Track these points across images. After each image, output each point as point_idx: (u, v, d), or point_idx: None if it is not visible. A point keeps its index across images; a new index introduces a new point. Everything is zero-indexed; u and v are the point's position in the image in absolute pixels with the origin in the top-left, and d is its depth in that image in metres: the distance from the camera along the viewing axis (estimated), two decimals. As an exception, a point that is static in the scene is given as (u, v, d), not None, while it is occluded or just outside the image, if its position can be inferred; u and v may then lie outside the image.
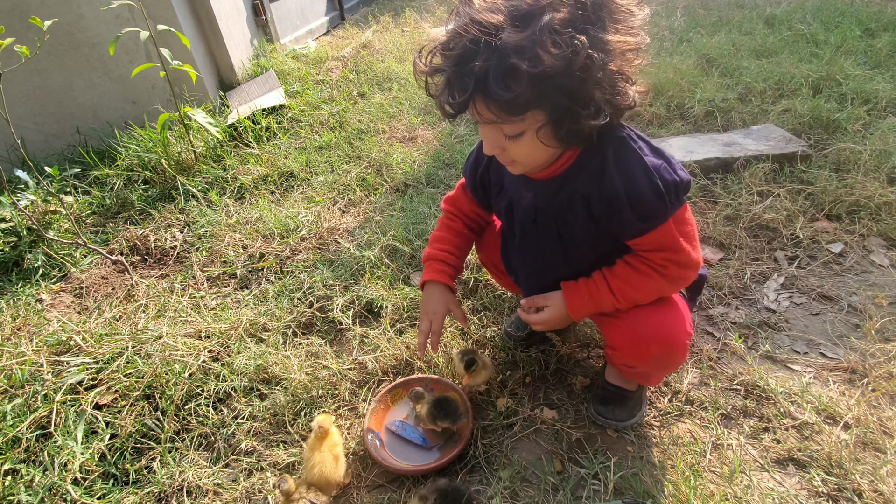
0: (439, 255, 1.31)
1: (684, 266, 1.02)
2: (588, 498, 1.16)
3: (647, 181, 0.92)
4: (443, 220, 1.38)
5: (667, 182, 0.93)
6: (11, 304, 1.92)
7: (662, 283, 1.04)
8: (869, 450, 1.21)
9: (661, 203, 0.93)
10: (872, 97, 2.60)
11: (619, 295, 1.06)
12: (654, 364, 1.14)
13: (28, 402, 1.46)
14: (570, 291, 1.11)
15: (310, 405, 1.43)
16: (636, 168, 0.93)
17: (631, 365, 1.17)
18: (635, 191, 0.93)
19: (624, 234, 1.02)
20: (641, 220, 0.95)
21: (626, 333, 1.11)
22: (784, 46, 3.32)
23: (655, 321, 1.08)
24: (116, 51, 3.00)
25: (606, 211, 0.98)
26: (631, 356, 1.14)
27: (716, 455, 1.23)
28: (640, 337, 1.08)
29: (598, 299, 1.08)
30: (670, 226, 0.98)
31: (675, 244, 0.99)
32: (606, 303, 1.07)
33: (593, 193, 0.98)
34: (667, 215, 0.96)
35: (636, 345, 1.10)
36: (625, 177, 0.93)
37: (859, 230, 1.87)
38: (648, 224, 0.96)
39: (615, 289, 1.06)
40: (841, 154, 2.21)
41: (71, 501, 1.26)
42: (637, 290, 1.05)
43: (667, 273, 1.02)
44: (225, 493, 1.27)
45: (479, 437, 1.32)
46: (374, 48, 4.12)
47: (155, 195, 2.57)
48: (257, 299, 1.86)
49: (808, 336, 1.54)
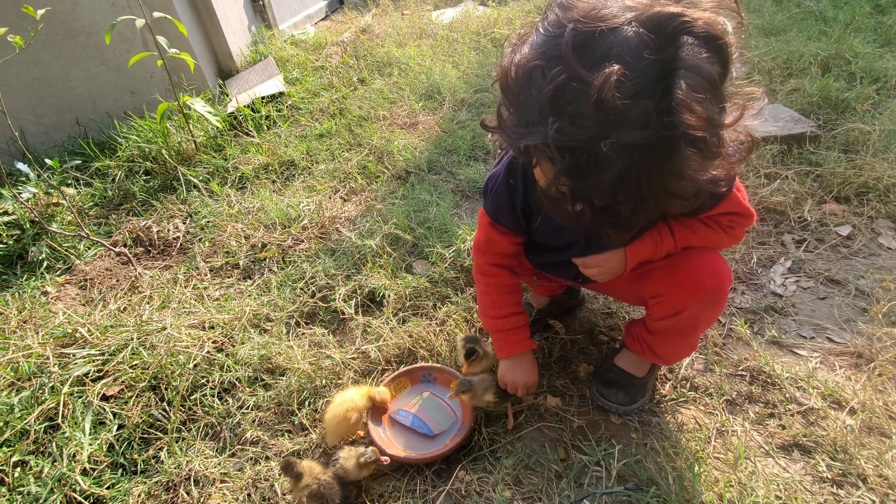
0: (509, 325, 1.28)
1: (746, 224, 1.05)
2: (591, 485, 1.17)
3: None
4: (486, 281, 1.29)
5: None
6: (17, 297, 1.93)
7: (724, 237, 1.05)
8: (875, 435, 1.21)
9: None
10: (882, 76, 2.54)
11: (680, 239, 1.05)
12: (707, 300, 1.08)
13: (35, 394, 1.47)
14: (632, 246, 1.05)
15: (314, 395, 1.44)
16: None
17: (680, 308, 1.10)
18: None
19: (696, 213, 1.02)
20: (712, 198, 0.95)
21: (677, 270, 1.08)
22: (792, 24, 3.23)
23: (703, 257, 1.07)
24: (113, 39, 2.96)
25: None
26: (683, 294, 1.08)
27: (720, 441, 1.23)
28: (694, 271, 1.06)
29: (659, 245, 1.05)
30: (735, 194, 0.98)
31: (741, 208, 1.01)
32: (666, 247, 1.05)
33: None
34: (731, 186, 0.96)
35: (690, 279, 1.06)
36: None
37: (868, 212, 1.84)
38: (717, 200, 0.97)
39: (678, 234, 1.05)
40: (850, 134, 2.16)
41: (80, 492, 1.28)
42: (700, 237, 1.05)
43: (732, 231, 1.04)
44: (231, 481, 1.28)
45: (482, 425, 1.33)
46: (374, 32, 4.06)
47: (156, 186, 2.56)
48: (260, 289, 1.86)
49: (815, 320, 1.52)
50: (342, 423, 1.26)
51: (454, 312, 1.63)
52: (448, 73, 3.24)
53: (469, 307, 1.64)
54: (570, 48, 0.66)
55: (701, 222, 1.04)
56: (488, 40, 3.71)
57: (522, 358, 1.29)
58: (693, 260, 1.07)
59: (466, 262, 1.79)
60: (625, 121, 0.64)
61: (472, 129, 2.65)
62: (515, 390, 1.27)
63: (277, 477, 1.27)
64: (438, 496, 1.19)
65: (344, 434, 1.30)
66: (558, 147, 0.67)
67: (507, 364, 1.28)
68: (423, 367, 1.46)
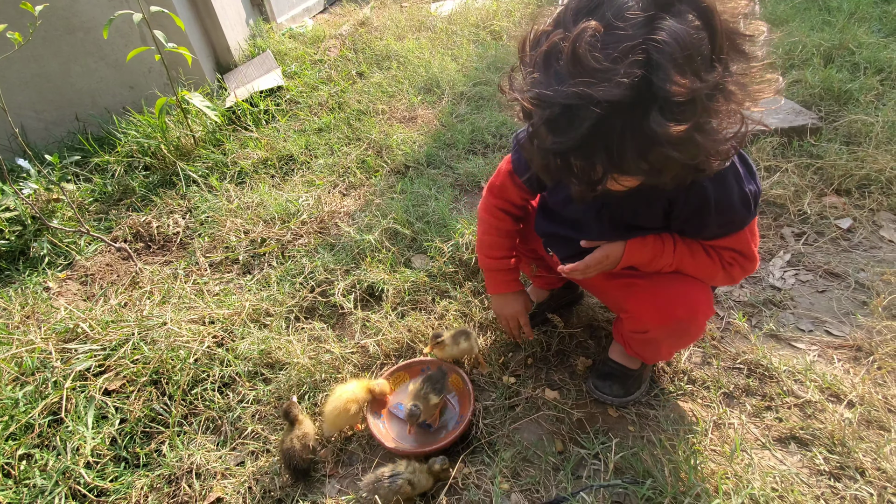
0: (502, 266, 1.34)
1: (747, 269, 1.04)
2: (588, 477, 1.18)
3: (738, 190, 0.91)
4: (490, 221, 1.31)
5: (752, 192, 0.92)
6: (19, 293, 1.94)
7: (720, 272, 1.04)
8: (873, 428, 1.21)
9: (746, 212, 0.93)
10: (886, 66, 2.51)
11: (678, 259, 1.05)
12: (674, 329, 1.10)
13: (39, 388, 1.49)
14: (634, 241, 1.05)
15: (313, 389, 1.45)
16: (729, 175, 0.91)
17: (645, 329, 1.13)
18: (726, 199, 0.91)
19: (697, 236, 1.01)
20: (721, 226, 0.95)
21: (653, 294, 1.08)
22: (795, 14, 3.20)
23: (685, 287, 1.07)
24: (111, 34, 2.95)
25: (689, 214, 0.96)
26: (651, 318, 1.10)
27: (717, 434, 1.24)
28: (669, 299, 1.07)
29: (658, 255, 1.04)
30: (745, 234, 0.98)
31: (746, 248, 1.00)
32: (664, 261, 1.05)
33: (679, 198, 0.95)
34: (745, 224, 0.96)
35: (662, 306, 1.07)
36: (718, 184, 0.91)
37: (869, 205, 1.83)
38: (726, 230, 0.97)
39: (678, 253, 1.04)
40: (852, 126, 2.14)
41: (84, 484, 1.30)
42: (697, 264, 1.04)
43: (731, 270, 1.03)
44: (232, 475, 1.30)
45: (481, 418, 1.34)
46: (373, 25, 4.03)
47: (156, 181, 2.56)
48: (260, 284, 1.87)
49: (814, 314, 1.52)
50: (342, 415, 1.27)
51: (453, 308, 1.63)
52: (447, 66, 3.22)
53: (468, 301, 1.65)
54: (571, 12, 0.69)
55: (703, 248, 1.03)
56: (487, 32, 3.69)
57: (509, 296, 1.37)
58: (674, 287, 1.07)
59: (465, 256, 1.79)
60: (600, 77, 0.64)
61: (471, 122, 2.64)
62: (507, 323, 1.37)
63: (278, 471, 1.29)
64: (438, 489, 1.20)
65: (343, 426, 1.31)
66: (540, 100, 0.69)
67: (496, 300, 1.40)
68: (421, 360, 1.47)
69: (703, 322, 1.11)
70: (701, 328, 1.12)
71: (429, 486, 1.17)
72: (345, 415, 1.28)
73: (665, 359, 1.36)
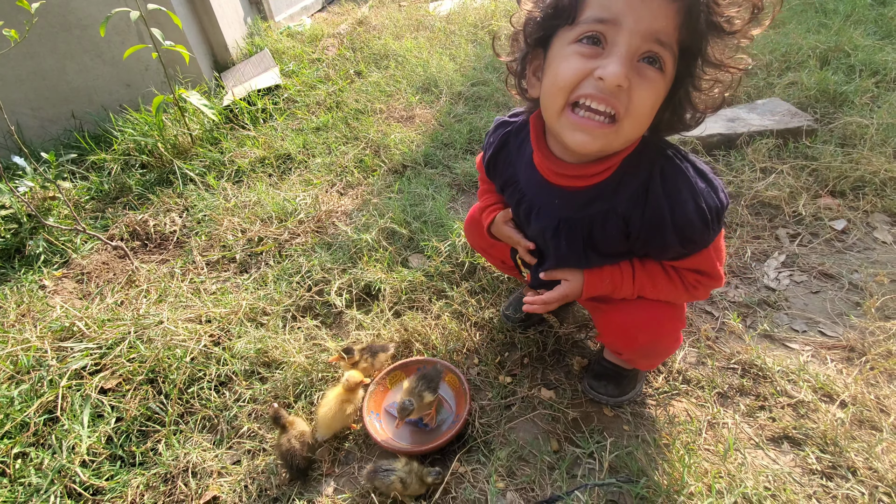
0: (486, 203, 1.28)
1: (711, 287, 1.02)
2: (583, 476, 1.18)
3: (694, 206, 0.88)
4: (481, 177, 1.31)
5: (711, 208, 0.88)
6: (15, 291, 1.94)
7: (684, 294, 1.03)
8: (865, 428, 1.22)
9: (706, 229, 0.90)
10: (882, 68, 2.52)
11: (638, 288, 1.04)
12: (641, 353, 1.15)
13: (34, 387, 1.49)
14: (592, 274, 1.06)
15: (310, 388, 1.45)
16: (683, 191, 0.88)
17: (618, 351, 1.19)
18: (682, 216, 0.88)
19: (662, 257, 1.00)
20: (683, 245, 0.92)
21: (615, 321, 1.10)
22: (792, 16, 3.21)
23: (647, 312, 1.07)
24: (108, 32, 2.94)
25: (647, 233, 0.93)
26: (619, 343, 1.14)
27: (711, 433, 1.25)
28: (631, 325, 1.08)
29: (618, 286, 1.05)
30: (710, 252, 0.96)
31: (711, 269, 0.98)
32: (624, 291, 1.05)
33: (635, 214, 0.93)
34: (708, 242, 0.93)
35: (623, 333, 1.10)
36: (672, 200, 0.89)
37: (863, 206, 1.84)
38: (689, 249, 0.94)
39: (637, 282, 1.03)
40: (847, 128, 2.16)
41: (80, 483, 1.29)
42: (658, 290, 1.03)
43: (694, 291, 1.02)
44: (229, 473, 1.30)
45: (477, 418, 1.34)
46: (371, 24, 4.03)
47: (153, 179, 2.56)
48: (257, 283, 1.87)
49: (808, 314, 1.53)
50: (336, 417, 1.27)
51: (448, 310, 1.64)
52: (445, 65, 3.22)
53: (464, 301, 1.65)
54: None
55: (664, 272, 1.02)
56: (486, 32, 3.69)
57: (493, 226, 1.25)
58: (637, 313, 1.06)
59: (462, 256, 1.79)
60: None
61: (468, 122, 2.64)
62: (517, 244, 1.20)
63: (274, 469, 1.29)
64: (432, 490, 1.20)
65: (337, 428, 1.31)
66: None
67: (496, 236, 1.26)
68: (418, 360, 1.47)
69: (672, 340, 1.11)
70: (670, 346, 1.12)
71: (420, 492, 1.17)
72: (340, 415, 1.28)
73: (644, 369, 1.36)
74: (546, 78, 0.87)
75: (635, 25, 0.73)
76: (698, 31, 0.75)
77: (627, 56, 0.74)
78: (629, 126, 0.80)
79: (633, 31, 0.73)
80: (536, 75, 0.93)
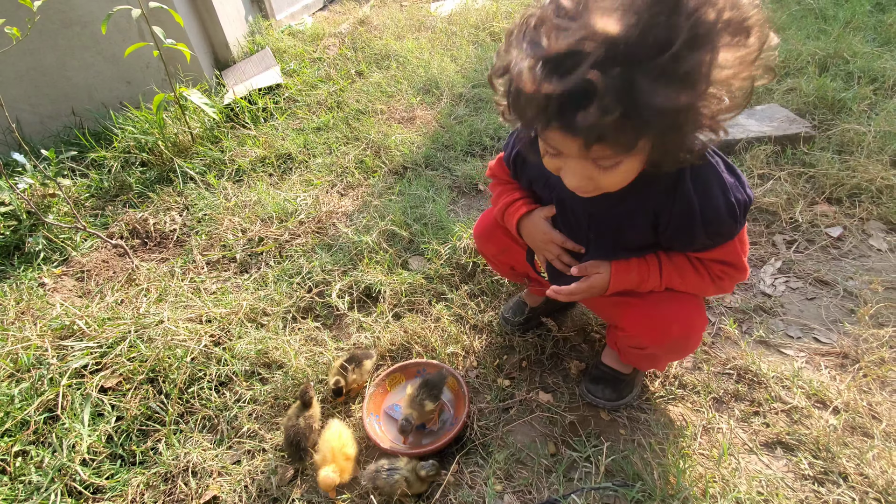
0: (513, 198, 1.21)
1: (736, 280, 1.04)
2: (580, 480, 1.20)
3: (723, 200, 0.90)
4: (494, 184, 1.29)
5: (739, 202, 0.90)
6: (14, 288, 1.94)
7: (711, 286, 1.05)
8: (857, 434, 1.24)
9: (733, 223, 0.92)
10: (880, 75, 2.54)
11: (666, 280, 1.05)
12: (671, 347, 1.13)
13: (35, 385, 1.49)
14: (620, 267, 1.06)
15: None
16: (714, 186, 0.90)
17: (643, 346, 1.14)
18: (712, 210, 0.90)
19: (688, 248, 1.01)
20: (710, 237, 0.94)
21: (647, 315, 1.09)
22: (792, 22, 3.23)
23: (678, 305, 1.08)
24: (109, 29, 2.93)
25: (676, 227, 0.95)
26: (648, 337, 1.12)
27: (706, 438, 1.26)
28: (663, 318, 1.08)
29: (645, 278, 1.05)
30: (735, 244, 0.98)
31: (737, 260, 1.00)
32: (651, 283, 1.06)
33: (664, 209, 0.94)
34: (734, 235, 0.95)
35: (657, 325, 1.09)
36: (702, 195, 0.90)
37: (859, 214, 1.86)
38: (715, 242, 0.97)
39: (665, 274, 1.05)
40: (845, 135, 2.17)
41: (80, 482, 1.30)
42: (686, 282, 1.05)
43: (720, 283, 1.04)
44: (229, 473, 1.31)
45: (475, 420, 1.35)
46: (372, 24, 4.03)
47: (153, 178, 2.56)
48: (257, 284, 1.88)
49: (803, 321, 1.55)
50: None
51: (447, 312, 1.65)
52: (446, 67, 3.23)
53: (464, 303, 1.67)
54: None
55: (691, 265, 1.03)
56: (487, 34, 3.69)
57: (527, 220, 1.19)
58: (667, 306, 1.08)
59: (462, 259, 1.81)
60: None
61: (469, 124, 2.65)
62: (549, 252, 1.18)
63: (274, 470, 1.30)
64: (433, 490, 1.21)
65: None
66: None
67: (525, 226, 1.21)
68: (417, 362, 1.48)
69: (700, 336, 1.12)
70: (697, 342, 1.14)
71: (422, 490, 1.19)
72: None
73: (660, 369, 1.38)
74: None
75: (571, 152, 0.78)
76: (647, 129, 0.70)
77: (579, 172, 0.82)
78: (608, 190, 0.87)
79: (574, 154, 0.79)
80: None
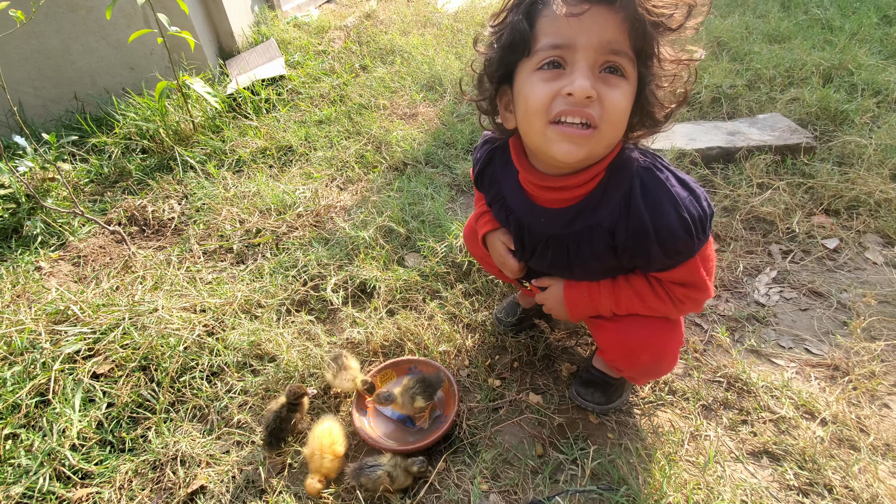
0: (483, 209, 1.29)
1: (700, 301, 1.03)
2: (566, 482, 1.20)
3: (675, 216, 0.88)
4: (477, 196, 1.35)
5: (694, 217, 0.89)
6: (11, 271, 1.94)
7: (672, 309, 1.04)
8: (844, 446, 1.25)
9: (689, 239, 0.90)
10: (884, 88, 2.54)
11: (624, 304, 1.05)
12: (642, 371, 1.17)
13: (27, 369, 1.50)
14: (570, 287, 1.09)
15: (301, 383, 1.47)
16: (664, 202, 0.89)
17: (619, 368, 1.20)
18: (664, 226, 0.89)
19: (649, 269, 1.00)
20: (668, 256, 0.93)
21: (617, 339, 1.11)
22: (798, 31, 3.22)
23: (648, 330, 1.08)
24: (114, 15, 2.93)
25: (632, 245, 0.94)
26: (621, 361, 1.15)
27: (693, 445, 1.27)
28: (632, 345, 1.09)
29: (596, 298, 1.07)
30: (696, 262, 0.96)
31: (699, 281, 0.99)
32: (604, 304, 1.07)
33: (619, 226, 0.94)
34: (693, 252, 0.93)
35: (627, 352, 1.11)
36: (653, 211, 0.90)
37: (856, 226, 1.86)
38: (675, 260, 0.95)
39: (621, 298, 1.05)
40: (845, 147, 2.17)
41: (69, 466, 1.31)
42: (647, 306, 1.04)
43: (682, 305, 1.03)
44: (217, 463, 1.31)
45: (464, 419, 1.36)
46: (378, 18, 4.02)
47: (153, 165, 2.56)
48: (253, 275, 1.88)
49: (795, 331, 1.56)
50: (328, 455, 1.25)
51: (441, 310, 1.65)
52: (451, 64, 3.22)
53: (458, 302, 1.67)
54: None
55: (650, 288, 1.03)
56: (493, 32, 3.68)
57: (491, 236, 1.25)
58: (637, 332, 1.07)
59: (458, 257, 1.81)
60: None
61: (471, 122, 2.65)
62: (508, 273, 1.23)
63: (263, 461, 1.31)
64: (419, 486, 1.22)
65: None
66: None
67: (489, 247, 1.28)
68: (409, 359, 1.49)
69: (674, 358, 1.13)
70: (671, 364, 1.14)
71: (407, 484, 1.20)
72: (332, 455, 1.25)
73: (640, 384, 1.40)
74: (518, 108, 0.91)
75: (588, 41, 0.79)
76: (646, 33, 0.80)
77: (589, 70, 0.81)
78: (608, 130, 0.85)
79: (588, 47, 0.80)
80: (509, 109, 0.97)
